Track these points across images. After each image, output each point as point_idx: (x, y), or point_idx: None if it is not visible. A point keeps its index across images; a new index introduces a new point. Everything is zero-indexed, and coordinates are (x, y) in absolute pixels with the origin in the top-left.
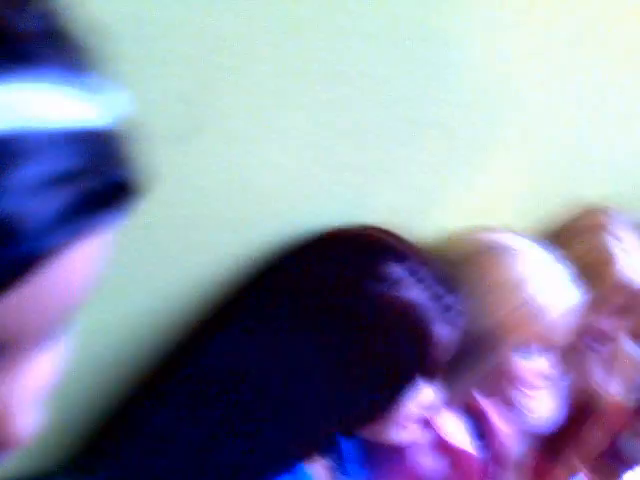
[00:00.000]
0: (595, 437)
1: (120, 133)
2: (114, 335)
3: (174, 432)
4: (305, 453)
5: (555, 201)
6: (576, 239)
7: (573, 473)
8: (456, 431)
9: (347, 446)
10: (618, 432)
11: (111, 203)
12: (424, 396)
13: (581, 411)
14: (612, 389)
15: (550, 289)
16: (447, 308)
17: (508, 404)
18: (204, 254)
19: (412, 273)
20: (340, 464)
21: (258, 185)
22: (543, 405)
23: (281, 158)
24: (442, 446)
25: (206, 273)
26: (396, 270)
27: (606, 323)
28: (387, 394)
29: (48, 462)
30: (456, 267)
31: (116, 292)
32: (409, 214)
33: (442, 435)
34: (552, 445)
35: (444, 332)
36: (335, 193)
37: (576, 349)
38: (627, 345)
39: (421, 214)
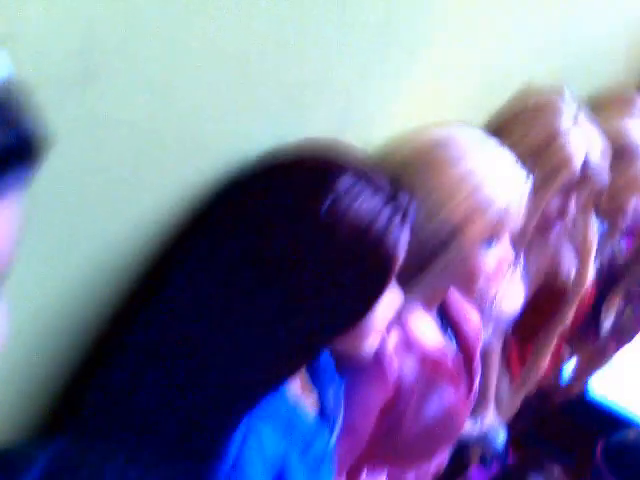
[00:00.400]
0: (565, 315)
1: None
2: (57, 294)
3: (138, 383)
4: (283, 374)
5: (502, 89)
6: (526, 119)
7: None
8: (427, 329)
9: (321, 358)
10: (586, 308)
11: (22, 156)
12: (391, 302)
13: (548, 293)
14: (574, 267)
15: (498, 177)
16: (401, 211)
17: (473, 294)
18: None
19: (361, 182)
20: (316, 375)
21: (187, 114)
22: (509, 293)
23: (206, 79)
24: (415, 346)
25: (149, 216)
26: (345, 182)
27: (557, 202)
28: (356, 308)
29: (7, 431)
30: (404, 168)
31: (56, 249)
32: (355, 120)
33: (413, 335)
34: (522, 330)
35: (401, 236)
36: (270, 112)
37: (532, 231)
38: (582, 221)
39: (367, 118)
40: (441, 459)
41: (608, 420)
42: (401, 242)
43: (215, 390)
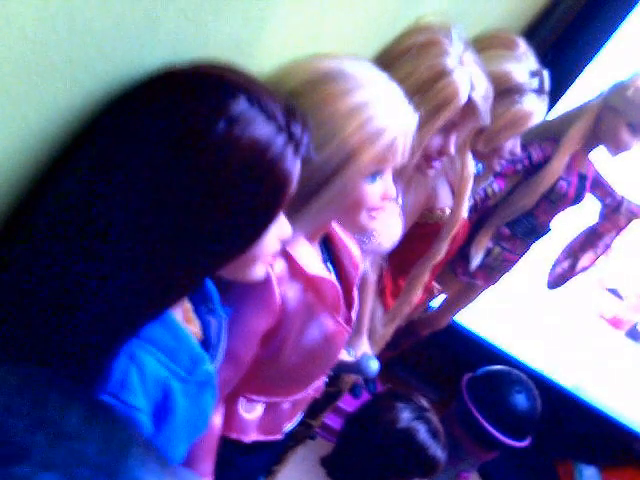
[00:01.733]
0: (438, 251)
1: None
2: None
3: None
4: (168, 300)
5: (391, 28)
6: (413, 57)
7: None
8: (310, 258)
9: (204, 285)
10: (459, 245)
11: None
12: (280, 230)
13: (422, 228)
14: (450, 204)
15: (387, 110)
16: (294, 139)
17: (355, 227)
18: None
19: (254, 106)
20: (199, 304)
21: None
22: (387, 226)
23: None
24: (298, 275)
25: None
26: (240, 105)
27: (439, 139)
28: (245, 234)
29: None
30: (296, 98)
31: None
32: (242, 46)
33: (297, 264)
34: (397, 263)
35: (294, 165)
36: (168, 27)
37: (413, 168)
38: (460, 159)
39: (253, 45)
40: (317, 387)
41: (475, 354)
42: (294, 171)
43: (98, 313)
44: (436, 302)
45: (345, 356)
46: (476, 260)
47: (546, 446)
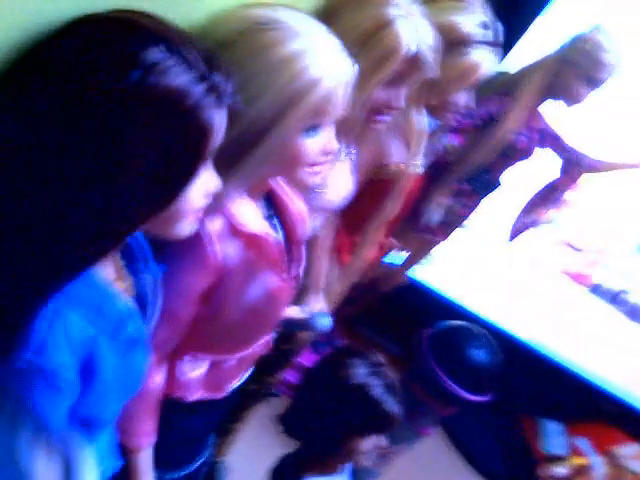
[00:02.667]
0: (391, 207)
1: None
2: None
3: None
4: (90, 256)
5: None
6: (355, 7)
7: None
8: (251, 216)
9: (137, 243)
10: (413, 201)
11: None
12: (206, 184)
13: (375, 184)
14: (403, 159)
15: (323, 60)
16: (215, 89)
17: (298, 183)
18: None
19: (173, 55)
20: (131, 262)
21: None
22: (335, 182)
23: None
24: (238, 232)
25: None
26: (153, 53)
27: (386, 93)
28: (165, 188)
29: None
30: (224, 49)
31: None
32: None
33: (237, 221)
34: (351, 219)
35: (215, 116)
36: None
37: (361, 123)
38: (412, 114)
39: None
40: (262, 345)
41: (434, 308)
42: (215, 120)
43: (17, 268)
44: (398, 259)
45: (297, 313)
46: (435, 216)
47: (510, 402)
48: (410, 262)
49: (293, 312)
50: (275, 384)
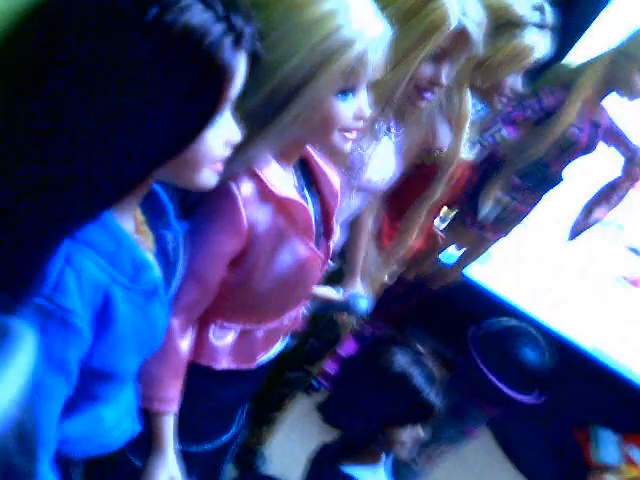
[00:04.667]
0: (434, 192)
1: None
2: None
3: None
4: (105, 197)
5: None
6: None
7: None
8: (282, 181)
9: (160, 200)
10: (461, 189)
11: None
12: (226, 132)
13: (420, 168)
14: (450, 143)
15: (357, 21)
16: (234, 30)
17: (329, 148)
18: None
19: None
20: (153, 218)
21: None
22: (377, 161)
23: None
24: (268, 196)
25: None
26: None
27: (431, 69)
28: (182, 128)
29: None
30: (261, 7)
31: None
32: None
33: (267, 185)
34: (394, 204)
35: (233, 58)
36: None
37: (407, 102)
38: (458, 95)
39: None
40: (292, 319)
41: (488, 308)
42: (234, 62)
43: (30, 212)
44: (451, 257)
45: (335, 295)
46: (484, 210)
47: (563, 408)
48: (464, 260)
49: (330, 293)
50: (316, 374)
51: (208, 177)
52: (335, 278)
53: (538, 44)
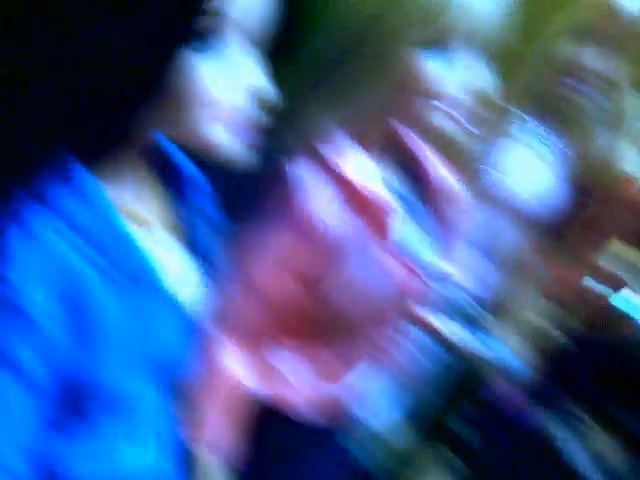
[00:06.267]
0: (607, 219)
1: None
2: None
3: None
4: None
5: None
6: None
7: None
8: (363, 171)
9: (193, 182)
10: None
11: None
12: (239, 72)
13: (586, 189)
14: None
15: None
16: None
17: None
18: None
19: None
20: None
21: None
22: (519, 168)
23: None
24: (343, 188)
25: None
26: None
27: (586, 53)
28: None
29: None
30: None
31: None
32: None
33: (342, 173)
34: (559, 233)
35: None
36: None
37: (550, 87)
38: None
39: None
40: (376, 343)
41: None
42: None
43: None
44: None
45: (477, 344)
46: None
47: None
48: None
49: (460, 334)
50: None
51: (219, 133)
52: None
53: None
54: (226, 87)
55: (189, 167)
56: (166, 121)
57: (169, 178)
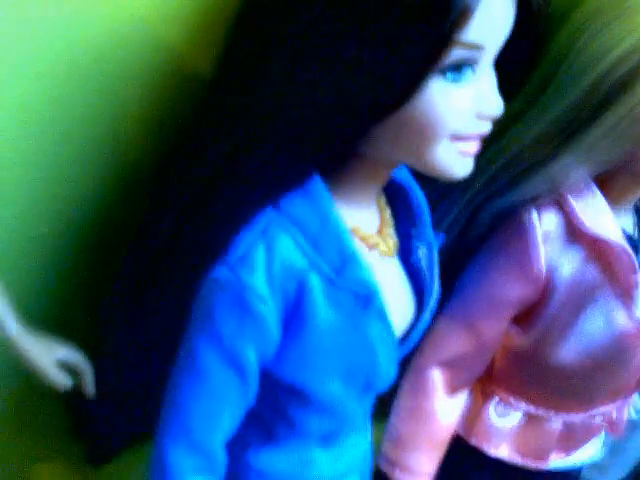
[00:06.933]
0: None
1: None
2: None
3: None
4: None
5: None
6: None
7: None
8: (602, 217)
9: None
10: None
11: None
12: (480, 100)
13: None
14: None
15: None
16: None
17: None
18: None
19: None
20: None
21: None
22: None
23: None
24: (578, 234)
25: None
26: None
27: None
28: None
29: None
30: None
31: None
32: None
33: (578, 220)
34: None
35: None
36: None
37: None
38: None
39: None
40: (606, 413)
41: None
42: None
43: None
44: None
45: None
46: None
47: None
48: None
49: None
50: None
51: (449, 155)
52: None
53: None
54: (469, 116)
55: (420, 195)
56: (403, 145)
57: (400, 204)
